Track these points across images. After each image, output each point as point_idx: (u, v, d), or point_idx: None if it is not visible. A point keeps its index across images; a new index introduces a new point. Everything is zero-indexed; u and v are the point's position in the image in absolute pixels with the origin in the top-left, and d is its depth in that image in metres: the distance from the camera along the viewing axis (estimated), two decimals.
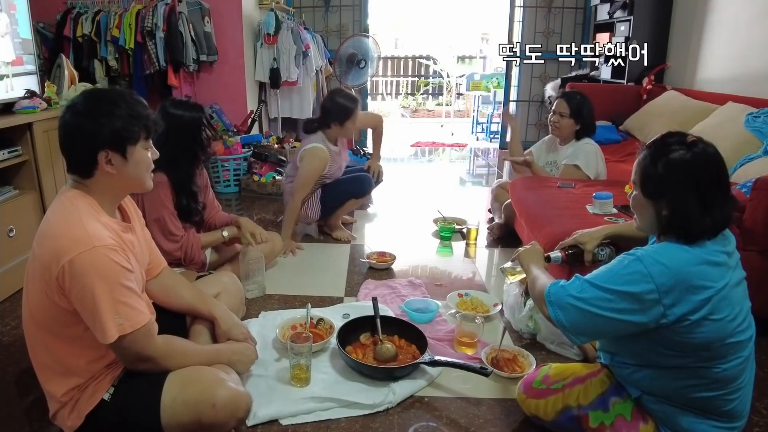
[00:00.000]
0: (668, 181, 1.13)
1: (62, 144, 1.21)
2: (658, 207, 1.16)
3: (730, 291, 1.11)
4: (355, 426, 1.48)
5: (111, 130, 1.17)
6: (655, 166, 1.14)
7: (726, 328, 1.10)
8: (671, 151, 1.13)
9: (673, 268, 1.09)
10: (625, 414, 1.26)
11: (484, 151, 6.15)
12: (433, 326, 1.97)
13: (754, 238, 1.90)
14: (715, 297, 1.08)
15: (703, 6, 3.82)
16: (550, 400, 1.35)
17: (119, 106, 1.19)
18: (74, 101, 1.21)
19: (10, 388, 1.64)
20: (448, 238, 2.97)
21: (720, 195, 1.12)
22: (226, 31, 4.20)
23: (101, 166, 1.19)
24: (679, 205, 1.12)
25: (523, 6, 5.53)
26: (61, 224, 1.16)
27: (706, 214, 1.10)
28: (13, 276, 2.21)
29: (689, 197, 1.11)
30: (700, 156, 1.12)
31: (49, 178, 2.48)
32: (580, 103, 2.65)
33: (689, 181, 1.11)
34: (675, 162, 1.12)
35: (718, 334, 1.10)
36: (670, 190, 1.13)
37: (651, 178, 1.16)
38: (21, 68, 2.55)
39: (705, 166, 1.12)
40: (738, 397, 1.16)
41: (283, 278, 2.43)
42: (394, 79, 10.07)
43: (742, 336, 1.13)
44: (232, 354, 1.46)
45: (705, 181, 1.11)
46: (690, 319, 1.08)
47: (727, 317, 1.10)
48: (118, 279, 1.14)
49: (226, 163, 3.89)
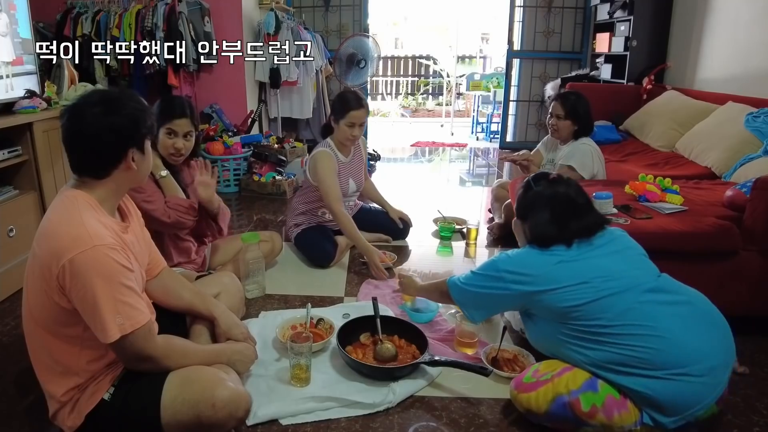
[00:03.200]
0: (530, 205, 1.54)
1: (81, 144, 1.19)
2: (525, 227, 1.55)
3: (567, 266, 1.40)
4: (355, 426, 1.48)
5: (144, 128, 1.23)
6: (525, 194, 1.58)
7: (575, 293, 1.36)
8: (536, 183, 1.55)
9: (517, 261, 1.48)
10: (614, 393, 1.31)
11: (484, 151, 6.16)
12: (433, 326, 1.97)
13: (754, 238, 1.90)
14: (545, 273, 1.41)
15: (703, 6, 3.82)
16: (541, 391, 1.37)
17: (137, 103, 1.24)
18: (90, 102, 1.19)
19: (10, 388, 1.64)
20: (448, 238, 2.97)
21: (573, 215, 1.47)
22: (226, 31, 4.20)
23: (126, 164, 1.21)
24: (535, 222, 1.50)
25: (523, 6, 5.53)
26: (62, 223, 1.16)
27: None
28: (13, 276, 2.21)
29: (542, 217, 1.48)
30: (556, 188, 1.52)
31: (49, 178, 2.48)
32: (575, 103, 2.65)
33: (544, 205, 1.50)
34: (536, 191, 1.54)
35: (565, 299, 1.37)
36: (530, 213, 1.53)
37: (520, 204, 1.59)
38: (21, 68, 2.55)
39: (559, 198, 1.50)
40: (651, 347, 1.27)
41: (283, 278, 2.43)
42: (394, 79, 10.06)
43: (607, 291, 1.33)
44: (232, 354, 1.46)
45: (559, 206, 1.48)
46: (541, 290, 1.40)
47: (570, 285, 1.36)
48: (119, 278, 1.14)
49: (226, 163, 3.89)
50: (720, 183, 2.59)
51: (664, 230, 1.91)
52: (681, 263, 1.91)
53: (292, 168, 4.07)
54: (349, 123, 2.48)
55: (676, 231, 1.90)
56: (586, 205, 1.50)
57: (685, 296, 1.39)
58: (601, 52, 4.89)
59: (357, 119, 2.48)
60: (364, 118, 2.51)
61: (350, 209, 2.80)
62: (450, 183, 4.85)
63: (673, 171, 2.95)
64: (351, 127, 2.49)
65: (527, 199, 1.55)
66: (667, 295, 1.36)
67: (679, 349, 1.26)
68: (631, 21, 4.31)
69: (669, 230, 1.91)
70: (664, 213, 2.08)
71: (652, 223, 1.98)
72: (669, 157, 3.27)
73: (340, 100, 2.52)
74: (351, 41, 5.02)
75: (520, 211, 1.59)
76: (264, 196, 3.81)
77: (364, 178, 2.81)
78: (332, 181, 2.47)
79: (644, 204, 2.20)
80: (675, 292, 1.39)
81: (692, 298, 1.39)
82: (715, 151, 2.93)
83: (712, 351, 1.29)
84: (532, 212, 1.51)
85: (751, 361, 1.79)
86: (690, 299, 1.38)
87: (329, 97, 5.37)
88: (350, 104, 2.46)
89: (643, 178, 2.34)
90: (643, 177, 2.35)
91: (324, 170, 2.48)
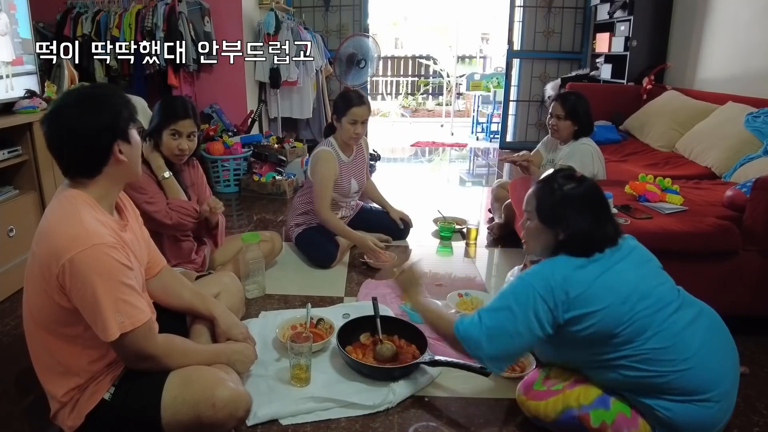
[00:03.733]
0: (565, 209, 1.32)
1: (67, 147, 1.18)
2: (554, 233, 1.34)
3: (605, 281, 1.25)
4: (355, 426, 1.48)
5: (123, 119, 1.21)
6: (553, 196, 1.34)
7: (611, 315, 1.22)
8: (565, 183, 1.34)
9: (549, 277, 1.27)
10: (625, 411, 1.28)
11: (484, 151, 6.15)
12: None
13: (754, 238, 1.90)
14: (584, 294, 1.24)
15: (703, 6, 3.82)
16: (551, 401, 1.35)
17: (111, 97, 1.22)
18: (67, 104, 1.19)
19: (10, 388, 1.64)
20: (448, 238, 2.97)
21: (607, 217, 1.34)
22: (226, 31, 4.20)
23: (114, 158, 1.21)
24: (575, 226, 1.31)
25: (523, 6, 5.53)
26: (61, 223, 1.16)
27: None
28: (13, 276, 2.21)
29: (584, 219, 1.30)
30: (589, 187, 1.34)
31: (49, 178, 2.48)
32: (575, 103, 2.65)
33: (583, 208, 1.31)
34: (569, 192, 1.33)
35: (606, 324, 1.23)
36: (567, 216, 1.31)
37: (549, 208, 1.35)
38: (21, 68, 2.55)
39: (594, 196, 1.34)
40: (681, 371, 1.20)
41: (283, 278, 2.43)
42: (394, 79, 10.06)
43: (641, 313, 1.22)
44: (232, 354, 1.46)
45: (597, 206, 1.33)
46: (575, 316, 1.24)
47: (607, 306, 1.22)
48: (119, 277, 1.14)
49: (226, 163, 3.89)
50: (720, 183, 2.60)
51: (664, 230, 1.91)
52: (681, 263, 1.91)
53: (292, 168, 4.06)
54: (352, 120, 2.48)
55: (676, 231, 1.90)
56: (608, 207, 1.39)
57: (698, 307, 1.32)
58: (601, 52, 4.89)
59: (359, 116, 2.48)
60: (366, 115, 2.52)
61: (352, 209, 2.81)
62: (450, 183, 4.85)
63: (673, 171, 2.95)
64: (353, 124, 2.49)
65: (557, 199, 1.33)
66: (687, 311, 1.28)
67: (704, 376, 1.21)
68: (631, 21, 4.30)
69: (669, 230, 1.91)
70: (664, 213, 2.08)
71: (652, 223, 1.98)
72: (669, 157, 3.27)
73: (342, 98, 2.53)
74: (351, 41, 5.02)
75: (546, 213, 1.35)
76: (264, 196, 3.81)
77: (366, 178, 2.81)
78: (327, 185, 2.49)
79: (644, 204, 2.20)
80: (690, 305, 1.31)
81: (703, 308, 1.33)
82: (715, 151, 2.94)
83: (727, 372, 1.26)
84: (566, 213, 1.31)
85: (751, 361, 1.79)
86: (702, 309, 1.32)
87: (329, 97, 5.37)
88: (352, 101, 2.47)
89: (643, 178, 2.34)
90: (643, 177, 2.35)
91: (323, 171, 2.49)
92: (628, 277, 1.26)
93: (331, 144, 2.59)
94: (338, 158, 2.58)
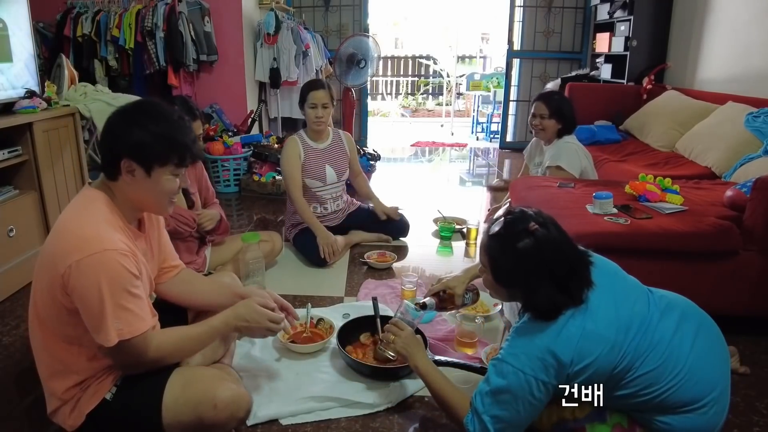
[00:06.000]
0: (519, 270, 1.19)
1: (100, 136, 1.27)
2: (512, 292, 1.25)
3: (589, 333, 1.15)
4: (355, 426, 1.48)
5: (136, 142, 1.18)
6: (505, 256, 1.21)
7: (605, 360, 1.15)
8: (518, 239, 1.19)
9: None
10: (622, 422, 1.26)
11: (484, 151, 6.15)
12: (433, 326, 1.97)
13: (754, 238, 1.90)
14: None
15: (703, 6, 3.82)
16: (545, 412, 1.29)
17: (158, 124, 1.20)
18: (125, 105, 1.25)
19: (10, 388, 1.64)
20: (448, 237, 2.97)
21: (571, 270, 1.18)
22: (226, 31, 4.21)
23: (123, 174, 1.21)
24: (533, 292, 1.18)
25: (523, 6, 5.53)
26: (75, 222, 1.17)
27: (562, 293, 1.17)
28: (14, 276, 2.21)
29: (542, 284, 1.17)
30: (545, 242, 1.18)
31: (49, 178, 2.47)
32: (559, 103, 2.69)
33: (541, 270, 1.17)
34: (523, 252, 1.18)
35: (602, 368, 1.16)
36: (522, 280, 1.19)
37: (502, 269, 1.23)
38: (21, 68, 2.54)
39: (553, 253, 1.18)
40: (676, 385, 1.17)
41: (283, 278, 2.43)
42: (394, 79, 10.06)
43: (626, 345, 1.16)
44: (234, 319, 1.34)
45: (556, 265, 1.18)
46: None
47: (598, 356, 1.15)
48: (125, 285, 1.14)
49: (226, 163, 3.89)
50: (720, 183, 2.60)
51: (664, 230, 1.91)
52: (681, 263, 1.91)
53: None
54: (311, 104, 2.57)
55: (676, 231, 1.90)
56: (570, 243, 1.23)
57: (673, 305, 1.26)
58: (601, 52, 4.89)
59: (318, 99, 2.56)
60: (324, 99, 2.58)
61: (342, 204, 2.81)
62: (450, 183, 4.85)
63: (673, 171, 2.95)
64: (314, 108, 2.58)
65: (509, 259, 1.20)
66: (668, 317, 1.22)
67: (698, 383, 1.19)
68: (631, 21, 4.30)
69: (669, 230, 1.91)
70: (664, 213, 2.08)
71: (652, 223, 1.98)
72: (669, 157, 3.27)
73: (304, 86, 2.66)
74: (351, 41, 5.02)
75: (499, 274, 1.24)
76: (264, 196, 3.81)
77: (350, 170, 2.81)
78: (292, 167, 2.61)
79: (644, 204, 2.20)
80: (668, 308, 1.25)
81: (678, 303, 1.28)
82: (715, 151, 2.94)
83: (719, 370, 1.24)
84: (521, 276, 1.20)
85: (751, 361, 1.79)
86: (679, 307, 1.27)
87: None
88: (310, 86, 2.61)
89: (643, 178, 2.34)
90: (643, 177, 2.35)
91: (285, 154, 2.64)
92: (609, 316, 1.18)
93: (299, 133, 2.71)
94: (305, 144, 2.67)
